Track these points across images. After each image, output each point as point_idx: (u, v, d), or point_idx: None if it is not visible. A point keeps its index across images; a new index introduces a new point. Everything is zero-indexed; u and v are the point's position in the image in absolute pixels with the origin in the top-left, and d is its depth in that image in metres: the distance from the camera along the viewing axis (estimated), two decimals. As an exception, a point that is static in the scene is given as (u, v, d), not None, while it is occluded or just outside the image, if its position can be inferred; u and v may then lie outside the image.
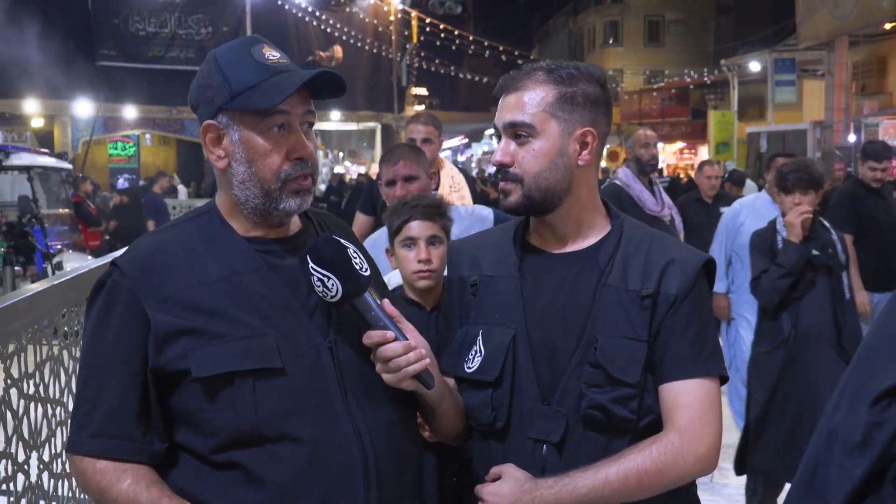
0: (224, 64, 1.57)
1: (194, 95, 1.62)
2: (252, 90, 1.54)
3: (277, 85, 1.53)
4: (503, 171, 1.74)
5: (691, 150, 35.51)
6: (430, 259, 2.37)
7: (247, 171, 1.57)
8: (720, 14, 38.30)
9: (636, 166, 5.13)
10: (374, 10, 28.21)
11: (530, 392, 1.70)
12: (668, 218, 5.06)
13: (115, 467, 1.50)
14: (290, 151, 1.57)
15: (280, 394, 1.50)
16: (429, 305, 2.37)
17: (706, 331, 1.72)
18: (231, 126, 1.57)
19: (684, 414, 1.65)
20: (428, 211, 2.42)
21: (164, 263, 1.55)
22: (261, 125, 1.55)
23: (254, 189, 1.57)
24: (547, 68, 1.73)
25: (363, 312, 1.56)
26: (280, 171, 1.56)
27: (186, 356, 1.50)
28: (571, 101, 1.71)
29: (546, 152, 1.71)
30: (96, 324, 1.56)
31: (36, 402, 2.32)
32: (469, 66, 42.28)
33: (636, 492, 1.62)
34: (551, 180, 1.71)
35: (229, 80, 1.55)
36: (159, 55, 23.69)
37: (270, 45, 1.61)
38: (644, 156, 5.12)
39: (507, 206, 1.76)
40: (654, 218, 4.87)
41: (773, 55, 22.76)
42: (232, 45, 1.61)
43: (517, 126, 1.72)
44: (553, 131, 1.71)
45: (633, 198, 4.95)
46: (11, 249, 8.75)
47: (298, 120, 1.58)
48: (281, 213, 1.60)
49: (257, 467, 1.48)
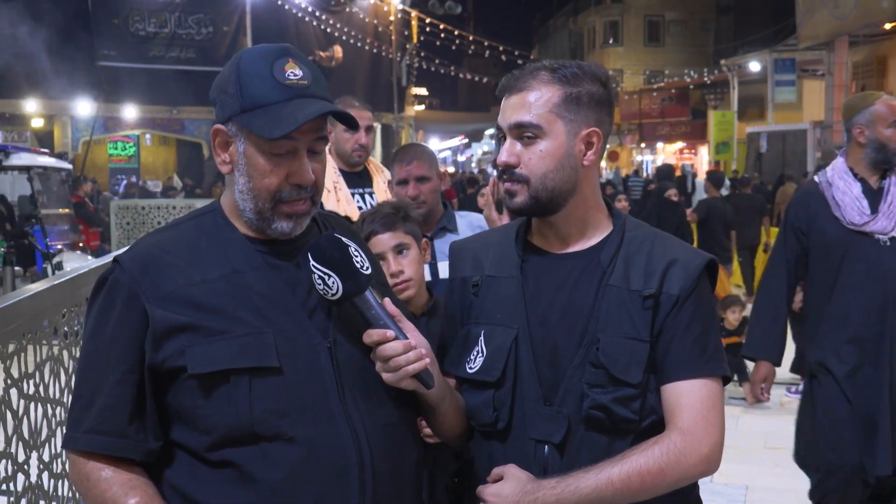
0: (244, 73, 1.55)
1: (213, 93, 1.61)
2: (261, 110, 1.52)
3: (285, 115, 1.51)
4: (509, 172, 1.73)
5: (691, 150, 35.54)
6: (402, 269, 2.34)
7: (246, 183, 1.57)
8: (720, 14, 38.31)
9: (872, 155, 3.48)
10: (374, 10, 28.21)
11: (532, 392, 1.70)
12: (889, 234, 3.41)
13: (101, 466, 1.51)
14: (290, 175, 1.56)
15: (276, 393, 1.50)
16: (416, 312, 2.34)
17: (709, 331, 1.71)
18: (238, 136, 1.57)
19: (687, 414, 1.64)
20: (387, 220, 2.37)
21: (164, 261, 1.55)
22: (265, 146, 1.54)
23: (249, 203, 1.57)
24: (551, 68, 1.73)
25: (363, 311, 1.56)
26: (276, 193, 1.56)
27: (184, 353, 1.50)
28: (577, 102, 1.71)
29: (553, 153, 1.70)
30: (96, 320, 1.56)
31: (36, 402, 2.32)
32: (469, 66, 42.32)
33: (638, 492, 1.61)
34: (558, 181, 1.71)
35: (243, 93, 1.53)
36: (159, 55, 23.67)
37: (298, 60, 1.57)
38: (893, 139, 3.45)
39: (512, 207, 1.74)
40: (858, 234, 3.45)
41: (773, 55, 22.77)
42: (258, 52, 1.58)
43: (524, 127, 1.70)
44: (559, 132, 1.70)
45: (826, 203, 3.52)
46: (12, 249, 8.74)
47: (306, 146, 1.57)
48: (274, 233, 1.59)
49: (251, 466, 1.48)
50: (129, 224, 10.34)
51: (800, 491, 5.17)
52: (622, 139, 36.90)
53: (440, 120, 47.90)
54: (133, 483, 1.51)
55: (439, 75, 37.01)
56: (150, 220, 10.32)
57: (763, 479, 5.33)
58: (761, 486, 5.21)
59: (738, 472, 5.27)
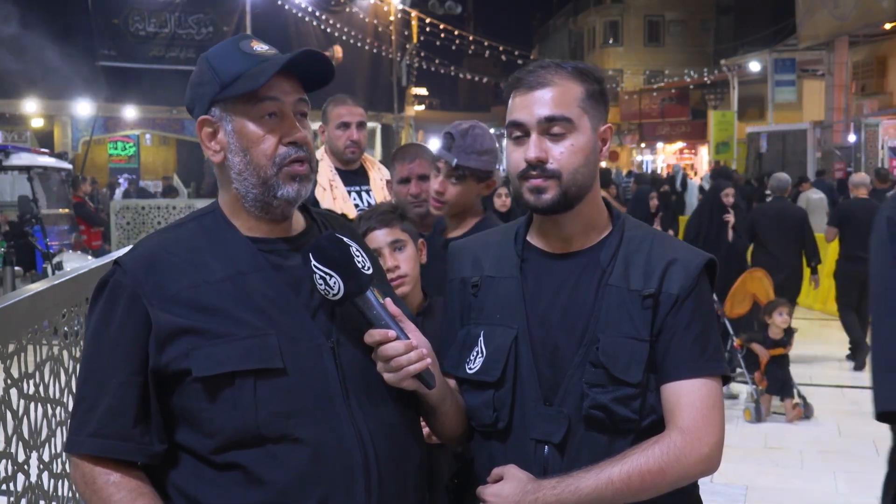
0: (213, 59, 1.60)
1: (189, 97, 1.64)
2: (240, 78, 1.56)
3: (264, 69, 1.55)
4: (540, 168, 1.69)
5: (691, 150, 35.55)
6: (398, 265, 2.35)
7: (242, 160, 1.58)
8: (720, 14, 38.33)
9: None
10: (374, 10, 28.20)
11: (532, 392, 1.70)
12: None
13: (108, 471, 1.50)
14: (283, 136, 1.58)
15: (281, 394, 1.50)
16: (412, 311, 2.35)
17: (708, 330, 1.71)
18: (224, 118, 1.59)
19: (687, 414, 1.64)
20: (384, 217, 2.39)
21: (166, 262, 1.55)
22: (252, 112, 1.57)
23: (251, 178, 1.58)
24: (567, 65, 1.73)
25: (365, 311, 1.56)
26: (274, 155, 1.57)
27: (188, 355, 1.49)
28: (595, 98, 1.72)
29: (583, 148, 1.70)
30: (98, 323, 1.56)
31: (36, 402, 2.31)
32: (469, 66, 42.27)
33: (639, 492, 1.61)
34: (586, 176, 1.71)
35: (219, 72, 1.58)
36: (159, 55, 23.66)
37: (259, 40, 1.63)
38: None
39: (542, 204, 1.70)
40: None
41: (773, 55, 22.79)
42: (221, 43, 1.65)
43: (556, 121, 1.68)
44: (587, 126, 1.71)
45: None
46: (12, 249, 8.74)
47: (291, 108, 1.59)
48: (281, 202, 1.59)
49: (257, 468, 1.48)
50: (129, 224, 10.35)
51: (800, 491, 5.18)
52: (622, 139, 36.89)
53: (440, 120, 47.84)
54: (141, 490, 1.50)
55: (439, 75, 37.00)
56: (151, 220, 10.32)
57: (763, 479, 5.34)
58: (761, 486, 5.21)
59: (738, 472, 5.28)
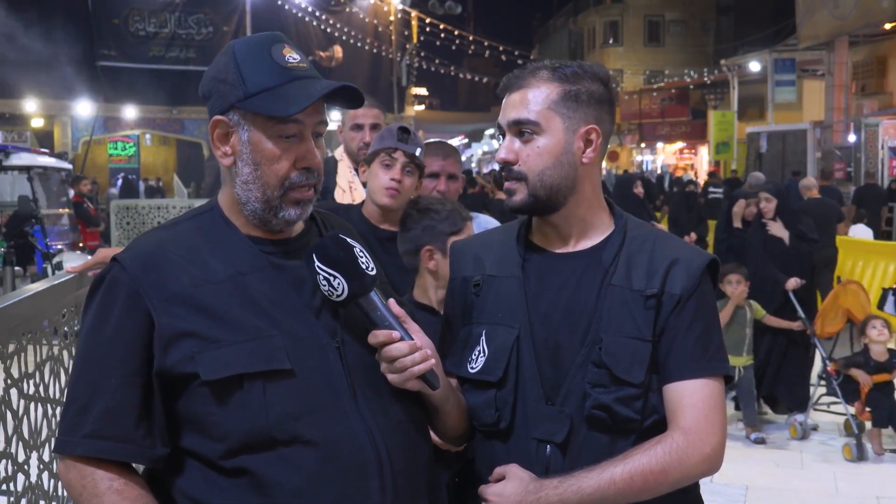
0: (242, 60, 1.53)
1: (207, 86, 1.58)
2: (268, 93, 1.50)
3: (295, 93, 1.50)
4: (507, 169, 1.73)
5: (691, 150, 35.52)
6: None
7: (252, 172, 1.54)
8: (720, 14, 38.32)
9: None
10: (374, 10, 28.21)
11: (534, 392, 1.69)
12: None
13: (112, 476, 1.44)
14: (298, 160, 1.55)
15: (290, 395, 1.47)
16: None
17: (710, 330, 1.71)
18: (241, 125, 1.54)
19: (689, 414, 1.64)
20: None
21: (166, 260, 1.52)
22: (272, 130, 1.53)
23: (256, 192, 1.55)
24: (551, 67, 1.73)
25: (368, 312, 1.55)
26: (286, 178, 1.54)
27: (194, 358, 1.46)
28: (576, 99, 1.71)
29: (550, 150, 1.70)
30: (94, 320, 1.51)
31: (36, 402, 2.31)
32: (469, 66, 42.31)
33: (641, 492, 1.61)
34: (556, 178, 1.70)
35: (245, 78, 1.51)
36: (159, 55, 23.69)
37: (292, 46, 1.56)
38: None
39: (512, 206, 1.74)
40: None
41: (773, 55, 22.78)
42: (252, 40, 1.57)
43: (521, 123, 1.71)
44: (557, 128, 1.70)
45: None
46: (12, 249, 8.74)
47: (311, 129, 1.56)
48: (280, 222, 1.57)
49: (269, 472, 1.44)
50: (129, 224, 10.34)
51: (800, 491, 5.18)
52: (622, 139, 36.88)
53: (440, 120, 47.89)
54: (145, 500, 1.46)
55: (439, 75, 37.01)
56: (150, 220, 10.31)
57: (763, 479, 5.34)
58: (761, 486, 5.21)
59: (738, 472, 5.28)
